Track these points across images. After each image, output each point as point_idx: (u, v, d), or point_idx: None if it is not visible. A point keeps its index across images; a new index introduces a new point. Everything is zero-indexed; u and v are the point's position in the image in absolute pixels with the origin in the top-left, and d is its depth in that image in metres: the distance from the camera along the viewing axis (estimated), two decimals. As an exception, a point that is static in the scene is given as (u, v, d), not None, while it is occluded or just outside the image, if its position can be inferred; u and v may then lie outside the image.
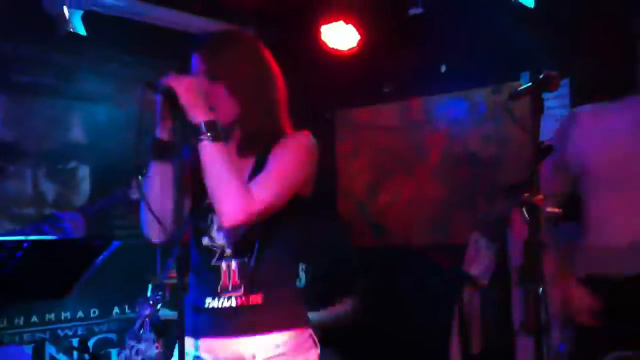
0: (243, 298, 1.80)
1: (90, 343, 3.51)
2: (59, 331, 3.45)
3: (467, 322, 3.51)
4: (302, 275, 3.17)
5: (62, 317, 3.48)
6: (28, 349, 3.20)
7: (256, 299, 1.80)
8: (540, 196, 1.78)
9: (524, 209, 1.76)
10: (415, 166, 4.20)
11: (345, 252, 3.28)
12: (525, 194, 1.77)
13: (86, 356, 3.30)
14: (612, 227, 2.24)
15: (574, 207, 2.37)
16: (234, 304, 1.80)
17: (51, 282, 1.95)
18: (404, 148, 4.24)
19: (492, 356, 3.50)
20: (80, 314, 3.53)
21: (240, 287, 1.80)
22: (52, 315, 3.43)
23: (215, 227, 1.83)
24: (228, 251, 1.82)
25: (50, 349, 3.37)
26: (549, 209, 2.12)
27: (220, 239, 1.83)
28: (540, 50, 3.42)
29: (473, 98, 3.97)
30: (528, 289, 1.74)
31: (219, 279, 1.82)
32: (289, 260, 1.90)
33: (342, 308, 3.16)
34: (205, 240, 1.84)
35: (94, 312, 3.58)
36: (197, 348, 1.84)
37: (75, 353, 3.35)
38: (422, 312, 3.85)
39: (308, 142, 1.86)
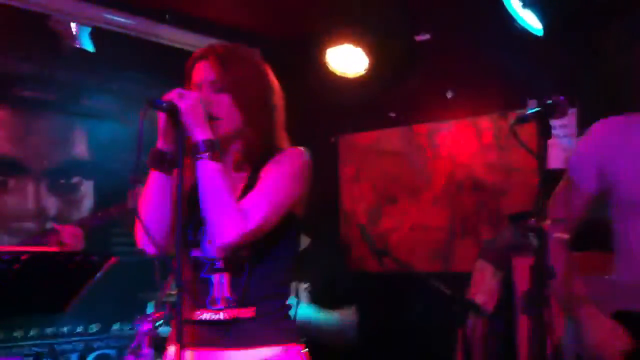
0: (234, 311, 1.80)
1: (89, 359, 3.48)
2: (58, 346, 3.41)
3: (470, 351, 3.46)
4: (305, 294, 3.15)
5: (61, 332, 3.45)
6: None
7: (247, 313, 1.80)
8: (548, 221, 1.75)
9: (531, 235, 1.73)
10: (418, 192, 4.18)
11: (345, 276, 3.26)
12: (532, 219, 1.75)
13: (84, 373, 3.26)
14: None
15: (594, 233, 2.22)
16: (224, 317, 1.80)
17: (49, 296, 1.93)
18: (407, 174, 4.23)
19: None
20: (79, 329, 3.49)
21: (230, 301, 1.81)
22: (51, 330, 3.40)
23: (205, 240, 1.82)
24: (218, 265, 1.82)
25: (48, 364, 3.33)
26: (557, 235, 2.08)
27: (210, 252, 1.82)
28: (547, 78, 3.42)
29: (479, 125, 3.97)
30: (533, 316, 1.71)
31: (209, 291, 1.81)
32: (281, 276, 1.90)
33: (349, 313, 3.15)
34: (195, 253, 1.84)
35: (94, 328, 3.54)
36: (189, 359, 1.81)
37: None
38: (424, 339, 3.80)
39: (302, 159, 1.88)
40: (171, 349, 1.86)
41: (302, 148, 1.90)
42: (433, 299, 3.79)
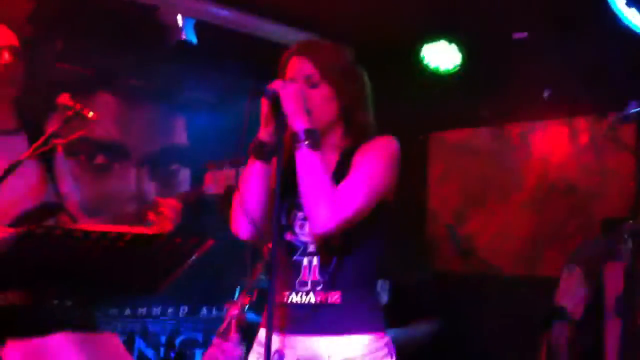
0: (322, 295, 1.82)
1: (177, 341, 3.60)
2: (149, 326, 3.55)
3: (554, 356, 3.38)
4: (382, 292, 3.16)
5: (153, 313, 3.59)
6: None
7: (335, 297, 1.82)
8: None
9: (626, 237, 1.69)
10: (508, 193, 4.10)
11: (428, 275, 3.24)
12: (630, 222, 1.71)
13: (172, 354, 3.37)
14: None
15: None
16: (312, 301, 1.82)
17: (146, 277, 2.01)
18: (497, 174, 4.16)
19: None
20: (170, 310, 3.62)
21: (319, 284, 1.83)
22: (144, 310, 3.54)
23: (298, 223, 1.86)
24: (311, 248, 1.85)
25: (139, 343, 3.48)
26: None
27: (303, 236, 1.86)
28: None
29: (574, 126, 3.85)
30: (626, 319, 1.66)
31: (299, 274, 1.84)
32: (371, 263, 1.90)
33: (421, 327, 3.11)
34: (288, 236, 1.88)
35: (183, 311, 3.66)
36: (276, 342, 1.84)
37: (162, 350, 3.42)
38: (507, 343, 3.73)
39: (394, 147, 1.90)
40: (262, 333, 1.90)
41: (392, 136, 1.92)
42: (517, 303, 3.73)
